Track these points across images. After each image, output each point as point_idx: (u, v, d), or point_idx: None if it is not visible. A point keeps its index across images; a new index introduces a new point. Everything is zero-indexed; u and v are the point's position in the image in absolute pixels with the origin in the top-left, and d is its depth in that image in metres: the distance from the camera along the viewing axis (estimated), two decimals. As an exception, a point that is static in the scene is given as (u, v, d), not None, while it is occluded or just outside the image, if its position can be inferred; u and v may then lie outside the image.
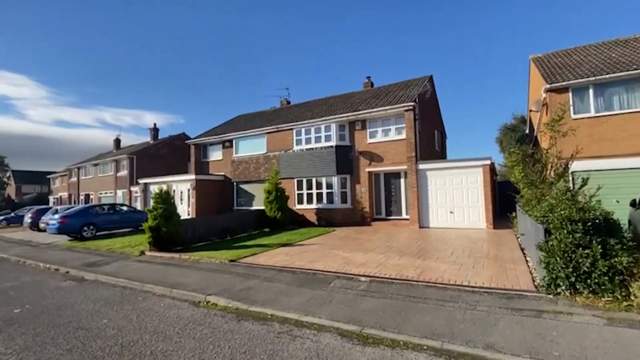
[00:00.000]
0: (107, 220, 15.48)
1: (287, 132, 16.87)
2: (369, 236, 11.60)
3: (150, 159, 26.70)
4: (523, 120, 33.78)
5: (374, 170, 14.90)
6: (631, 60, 10.77)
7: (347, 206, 15.26)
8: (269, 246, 10.18)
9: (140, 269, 8.34)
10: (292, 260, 8.12)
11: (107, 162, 28.35)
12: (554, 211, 5.21)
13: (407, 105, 13.57)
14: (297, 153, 16.35)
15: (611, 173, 9.94)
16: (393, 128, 14.58)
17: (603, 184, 7.12)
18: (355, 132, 15.37)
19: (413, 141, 13.53)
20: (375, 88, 18.76)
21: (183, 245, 10.69)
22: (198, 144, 20.89)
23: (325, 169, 15.32)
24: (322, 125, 15.72)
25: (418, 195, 13.33)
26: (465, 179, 12.70)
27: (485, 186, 12.26)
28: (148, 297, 6.17)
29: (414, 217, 13.30)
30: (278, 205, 14.44)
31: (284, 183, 16.32)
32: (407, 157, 13.63)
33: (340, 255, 8.39)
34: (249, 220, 14.29)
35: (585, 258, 4.54)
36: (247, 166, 18.19)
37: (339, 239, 11.25)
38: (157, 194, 10.25)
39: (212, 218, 13.08)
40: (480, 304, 4.77)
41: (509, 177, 29.32)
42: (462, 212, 12.68)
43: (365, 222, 14.75)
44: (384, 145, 14.63)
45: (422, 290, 5.52)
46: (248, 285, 6.31)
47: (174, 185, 19.22)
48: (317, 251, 9.18)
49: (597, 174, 9.80)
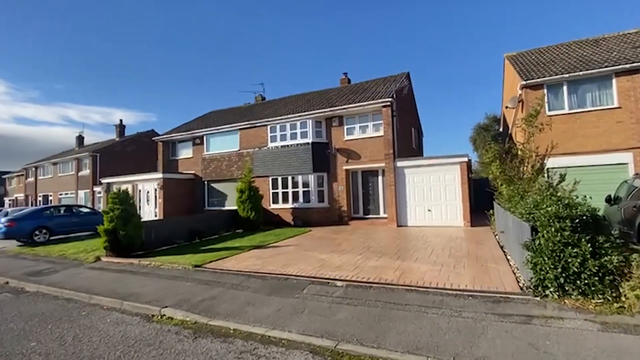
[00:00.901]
0: (63, 223, 14.18)
1: (261, 128, 16.16)
2: (346, 236, 11.15)
3: (116, 157, 25.09)
4: (496, 120, 34.62)
5: (351, 168, 14.49)
6: (602, 58, 10.92)
7: (324, 205, 14.77)
8: (240, 249, 9.50)
9: (91, 277, 7.45)
10: (263, 264, 7.50)
11: (67, 161, 26.41)
12: (540, 207, 4.91)
13: (384, 101, 13.24)
14: (271, 150, 15.67)
15: (584, 169, 10.00)
16: (370, 125, 14.22)
17: (579, 180, 6.99)
18: (332, 129, 14.90)
19: (391, 138, 13.22)
20: (353, 84, 18.38)
21: (145, 249, 9.81)
22: (166, 141, 19.72)
23: (302, 166, 14.76)
24: (298, 122, 15.13)
25: (396, 194, 13.04)
26: (443, 176, 12.52)
27: (463, 184, 12.12)
28: (94, 311, 5.37)
29: (392, 215, 12.99)
30: (251, 205, 13.73)
31: (258, 182, 15.61)
32: (385, 154, 13.31)
33: (316, 258, 7.86)
34: (221, 221, 13.48)
35: (574, 257, 4.24)
36: (218, 164, 17.29)
37: (315, 240, 10.72)
38: (114, 194, 9.30)
39: (179, 219, 12.19)
40: (465, 310, 4.37)
41: (482, 174, 29.71)
42: (439, 210, 12.49)
43: (343, 221, 14.31)
44: (361, 142, 14.25)
45: (402, 295, 5.07)
46: (211, 294, 5.64)
47: (139, 184, 18.05)
48: (291, 253, 8.60)
49: (571, 170, 9.78)
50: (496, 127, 34.91)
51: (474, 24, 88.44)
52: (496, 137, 34.68)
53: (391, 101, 13.19)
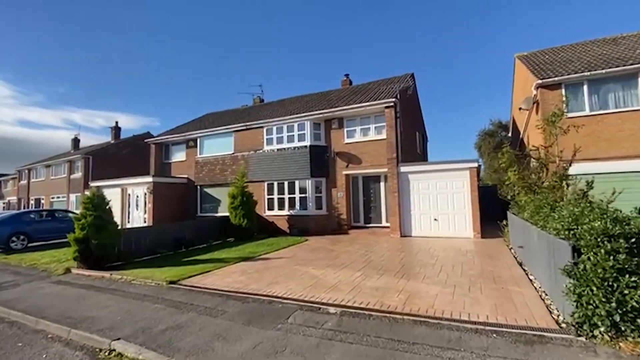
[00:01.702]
0: (43, 229, 13.32)
1: (257, 130, 15.30)
2: (345, 247, 10.19)
3: (109, 160, 24.28)
4: (501, 126, 33.71)
5: (351, 173, 13.57)
6: (626, 56, 10.00)
7: (322, 213, 13.82)
8: (226, 261, 8.55)
9: (51, 294, 6.52)
10: (247, 281, 6.55)
11: (59, 163, 25.63)
12: (581, 222, 3.95)
13: (387, 101, 12.36)
14: (267, 154, 14.79)
15: (611, 177, 9.01)
16: (372, 127, 13.33)
17: (605, 190, 6.06)
18: (332, 132, 14.02)
19: (394, 141, 12.31)
20: (354, 86, 17.54)
21: (124, 259, 8.90)
22: (159, 143, 18.90)
23: (299, 171, 13.85)
24: (295, 124, 14.27)
25: (399, 201, 12.08)
26: (451, 183, 11.57)
27: (472, 191, 11.16)
28: (34, 341, 4.44)
29: (395, 224, 12.02)
30: (244, 212, 12.81)
31: (252, 187, 14.72)
32: (388, 158, 12.39)
33: (309, 274, 6.90)
34: (210, 228, 12.56)
35: (633, 289, 3.28)
36: (212, 168, 16.42)
37: (310, 251, 9.76)
38: (87, 198, 8.41)
39: (164, 227, 11.28)
40: (490, 354, 3.40)
41: (488, 181, 28.60)
42: (447, 220, 11.51)
43: (342, 230, 13.35)
44: (362, 146, 13.35)
45: (409, 328, 4.11)
46: (178, 321, 4.69)
47: (129, 188, 17.19)
48: (281, 268, 7.64)
49: (596, 177, 8.84)
50: (502, 133, 33.97)
51: (478, 27, 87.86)
52: (501, 143, 33.66)
53: (395, 102, 12.31)
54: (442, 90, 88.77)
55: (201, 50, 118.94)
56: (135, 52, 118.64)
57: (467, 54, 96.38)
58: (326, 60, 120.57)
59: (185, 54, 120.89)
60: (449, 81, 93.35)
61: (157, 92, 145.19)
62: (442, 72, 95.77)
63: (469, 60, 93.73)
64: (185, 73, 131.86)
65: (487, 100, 73.01)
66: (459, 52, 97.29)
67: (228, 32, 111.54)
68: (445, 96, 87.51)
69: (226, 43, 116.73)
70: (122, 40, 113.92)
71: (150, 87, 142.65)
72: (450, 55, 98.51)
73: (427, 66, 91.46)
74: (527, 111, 11.82)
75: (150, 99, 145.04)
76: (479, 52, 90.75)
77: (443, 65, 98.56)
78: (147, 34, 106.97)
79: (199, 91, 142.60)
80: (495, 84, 73.37)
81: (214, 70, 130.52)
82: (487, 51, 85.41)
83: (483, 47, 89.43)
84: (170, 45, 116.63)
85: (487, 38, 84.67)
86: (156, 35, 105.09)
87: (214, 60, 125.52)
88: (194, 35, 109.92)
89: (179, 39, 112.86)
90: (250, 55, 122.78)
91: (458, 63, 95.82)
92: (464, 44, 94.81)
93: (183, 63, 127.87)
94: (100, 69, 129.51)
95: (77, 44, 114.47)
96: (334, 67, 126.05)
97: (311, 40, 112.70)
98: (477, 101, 78.31)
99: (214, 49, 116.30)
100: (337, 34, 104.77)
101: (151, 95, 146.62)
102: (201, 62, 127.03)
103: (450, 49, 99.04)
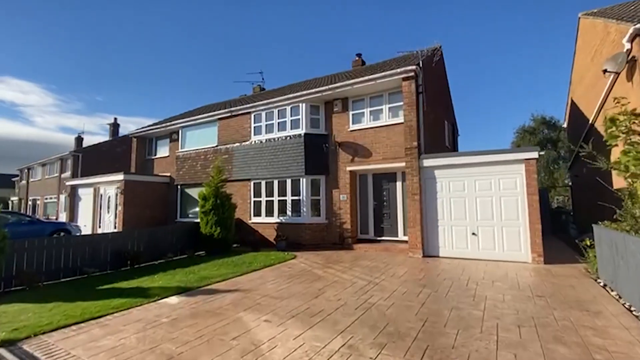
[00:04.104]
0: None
1: (244, 117, 12.45)
2: (341, 272, 7.01)
3: (102, 157, 22.36)
4: (544, 122, 29.28)
5: (358, 169, 10.39)
6: None
7: (320, 220, 10.70)
8: (150, 295, 5.60)
9: None
10: (126, 354, 3.54)
11: (53, 162, 24.07)
12: None
13: (406, 70, 9.11)
14: (254, 145, 11.88)
15: None
16: (385, 108, 10.10)
17: None
18: (334, 116, 10.92)
19: (415, 125, 9.03)
20: (367, 66, 14.35)
21: (11, 286, 6.21)
22: (142, 137, 16.52)
23: (291, 167, 10.84)
24: (288, 107, 11.29)
25: (422, 207, 8.77)
26: (497, 182, 8.13)
27: (530, 194, 7.67)
28: None
29: (416, 239, 8.69)
30: (216, 218, 9.93)
31: (237, 187, 11.90)
32: (406, 149, 9.11)
33: (248, 338, 3.80)
34: (174, 239, 9.77)
35: None
36: (193, 164, 13.72)
37: (287, 279, 6.66)
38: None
39: (100, 237, 8.55)
40: None
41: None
42: (491, 235, 8.06)
43: (345, 244, 10.18)
44: (372, 134, 10.15)
45: None
46: None
47: (101, 188, 14.81)
48: (217, 316, 4.59)
49: None
50: (543, 129, 29.49)
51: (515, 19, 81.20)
52: (544, 141, 29.24)
53: (416, 70, 9.04)
54: (474, 83, 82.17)
55: (231, 59, 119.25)
56: (165, 59, 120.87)
57: (502, 44, 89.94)
58: (338, 41, 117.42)
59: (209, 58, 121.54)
60: (480, 70, 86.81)
61: (179, 96, 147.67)
62: (472, 61, 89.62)
63: (506, 46, 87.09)
64: (214, 75, 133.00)
65: (525, 94, 66.11)
66: (494, 39, 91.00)
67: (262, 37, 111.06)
68: (475, 88, 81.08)
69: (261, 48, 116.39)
70: (153, 50, 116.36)
71: (173, 91, 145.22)
72: (487, 44, 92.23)
73: (457, 52, 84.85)
74: (612, 76, 8.18)
75: (177, 102, 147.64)
76: (516, 41, 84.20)
77: (476, 53, 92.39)
78: (178, 45, 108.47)
79: (222, 95, 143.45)
80: (536, 76, 66.58)
81: (237, 76, 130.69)
82: (523, 41, 78.79)
83: (518, 37, 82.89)
84: (197, 46, 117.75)
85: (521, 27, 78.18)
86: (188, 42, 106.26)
87: (239, 67, 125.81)
88: (226, 47, 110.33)
89: (207, 46, 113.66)
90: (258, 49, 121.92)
91: (495, 50, 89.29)
92: (499, 31, 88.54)
93: (209, 67, 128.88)
94: (132, 77, 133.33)
95: (116, 56, 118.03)
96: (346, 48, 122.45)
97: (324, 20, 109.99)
98: (513, 95, 71.31)
99: (244, 56, 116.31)
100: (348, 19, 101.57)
101: (174, 98, 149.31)
102: (224, 71, 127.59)
103: (484, 37, 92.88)
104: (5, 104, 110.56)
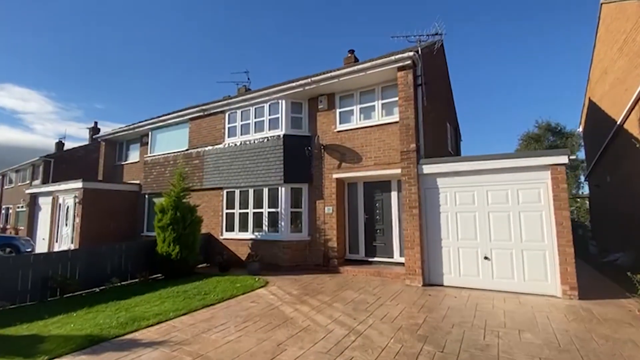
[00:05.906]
0: None
1: (217, 117, 10.90)
2: (315, 312, 5.35)
3: (75, 163, 20.75)
4: (550, 129, 27.84)
5: (346, 176, 8.80)
6: None
7: (301, 237, 9.05)
8: (34, 353, 3.93)
9: None
10: None
11: (25, 168, 22.42)
12: None
13: (402, 57, 7.58)
14: (227, 149, 10.30)
15: None
16: (378, 105, 8.56)
17: None
18: (318, 115, 9.37)
19: (412, 124, 7.46)
20: (360, 62, 12.84)
21: None
22: (111, 141, 14.92)
23: (269, 173, 9.24)
24: (266, 104, 9.76)
25: (421, 223, 7.14)
26: (514, 193, 6.53)
27: (559, 208, 6.07)
28: None
29: (414, 263, 7.04)
30: (175, 235, 8.28)
31: (208, 196, 10.31)
32: (402, 152, 7.53)
33: None
34: (122, 259, 8.09)
35: None
36: (162, 170, 12.11)
37: (242, 322, 4.99)
38: None
39: (21, 260, 6.86)
40: None
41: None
42: (508, 260, 6.42)
43: (330, 265, 8.53)
44: (363, 135, 8.58)
45: None
46: None
47: (60, 196, 13.15)
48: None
49: None
50: (549, 136, 28.03)
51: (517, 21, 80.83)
52: (551, 149, 27.72)
53: (413, 57, 7.51)
54: (476, 90, 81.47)
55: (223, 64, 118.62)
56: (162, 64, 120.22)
57: (510, 40, 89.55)
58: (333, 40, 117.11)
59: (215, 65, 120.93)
60: (485, 79, 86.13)
61: (182, 103, 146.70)
62: (474, 66, 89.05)
63: (512, 51, 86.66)
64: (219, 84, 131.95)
65: (528, 100, 64.93)
66: (496, 41, 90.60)
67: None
68: (477, 95, 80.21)
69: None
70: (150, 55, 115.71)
71: (179, 100, 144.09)
72: (490, 48, 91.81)
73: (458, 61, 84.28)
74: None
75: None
76: (518, 45, 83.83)
77: (476, 60, 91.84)
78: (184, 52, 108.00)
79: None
80: (539, 81, 65.58)
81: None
82: (526, 45, 78.43)
83: (522, 39, 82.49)
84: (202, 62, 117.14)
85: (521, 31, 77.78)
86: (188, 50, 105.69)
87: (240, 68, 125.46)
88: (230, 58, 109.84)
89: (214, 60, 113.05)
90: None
91: (499, 55, 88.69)
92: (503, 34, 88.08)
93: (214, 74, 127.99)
94: (131, 85, 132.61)
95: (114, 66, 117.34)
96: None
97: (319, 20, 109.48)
98: (514, 101, 70.18)
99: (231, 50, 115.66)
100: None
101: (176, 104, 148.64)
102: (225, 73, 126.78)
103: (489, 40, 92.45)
104: (6, 112, 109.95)
